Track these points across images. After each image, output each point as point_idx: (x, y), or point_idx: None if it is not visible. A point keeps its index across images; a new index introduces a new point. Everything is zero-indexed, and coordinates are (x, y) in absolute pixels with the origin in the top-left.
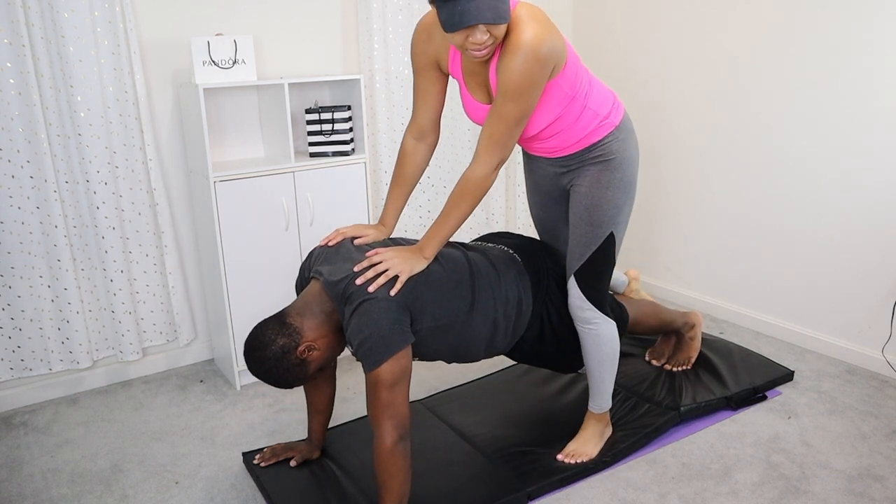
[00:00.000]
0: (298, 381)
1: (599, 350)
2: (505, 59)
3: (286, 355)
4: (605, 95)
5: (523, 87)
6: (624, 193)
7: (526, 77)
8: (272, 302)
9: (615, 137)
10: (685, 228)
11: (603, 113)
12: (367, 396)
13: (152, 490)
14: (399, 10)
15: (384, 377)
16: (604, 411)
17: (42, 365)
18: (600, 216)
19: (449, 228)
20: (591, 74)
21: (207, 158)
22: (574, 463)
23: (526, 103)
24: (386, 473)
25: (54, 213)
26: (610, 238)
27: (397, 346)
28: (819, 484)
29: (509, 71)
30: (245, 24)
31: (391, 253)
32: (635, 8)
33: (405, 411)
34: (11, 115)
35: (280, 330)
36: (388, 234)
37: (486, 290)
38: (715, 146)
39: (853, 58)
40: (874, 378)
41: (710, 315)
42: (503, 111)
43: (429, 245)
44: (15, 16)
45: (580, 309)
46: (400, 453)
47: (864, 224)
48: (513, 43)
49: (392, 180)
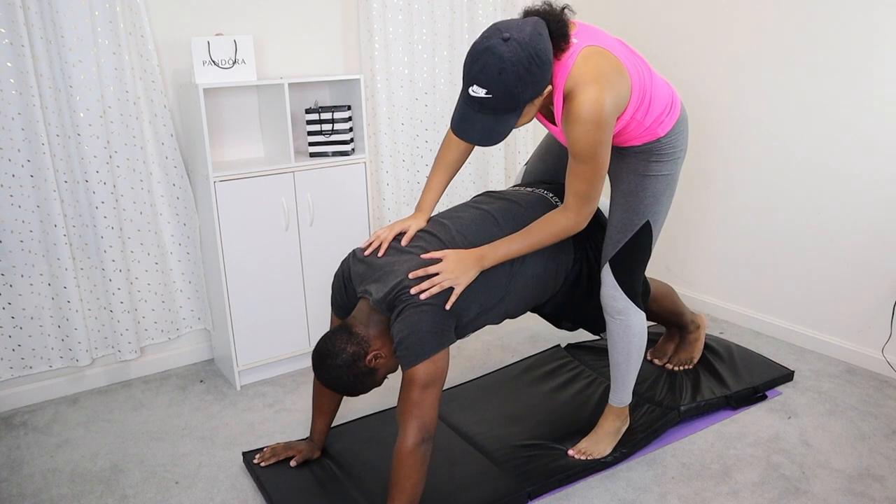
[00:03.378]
0: (367, 388)
1: (629, 342)
2: (568, 125)
3: (356, 363)
4: (662, 107)
5: (591, 150)
6: (664, 184)
7: (591, 143)
8: (272, 302)
9: (665, 138)
10: (685, 229)
11: (654, 127)
12: (399, 394)
13: (152, 490)
14: (399, 10)
15: (418, 377)
16: (624, 405)
17: (42, 363)
18: (637, 203)
19: (520, 249)
20: (654, 85)
21: (207, 158)
22: (584, 460)
23: (598, 160)
24: (402, 472)
25: (54, 213)
26: (646, 227)
27: (434, 348)
28: (819, 484)
29: (574, 139)
30: (245, 24)
31: (450, 264)
32: (635, 8)
33: (433, 414)
34: (11, 114)
35: (349, 339)
36: (425, 221)
37: None
38: (715, 147)
39: (853, 59)
40: (874, 378)
41: (710, 315)
42: (580, 172)
43: (491, 255)
44: (15, 16)
45: (613, 298)
46: (420, 455)
47: (863, 224)
48: (574, 110)
49: (434, 165)
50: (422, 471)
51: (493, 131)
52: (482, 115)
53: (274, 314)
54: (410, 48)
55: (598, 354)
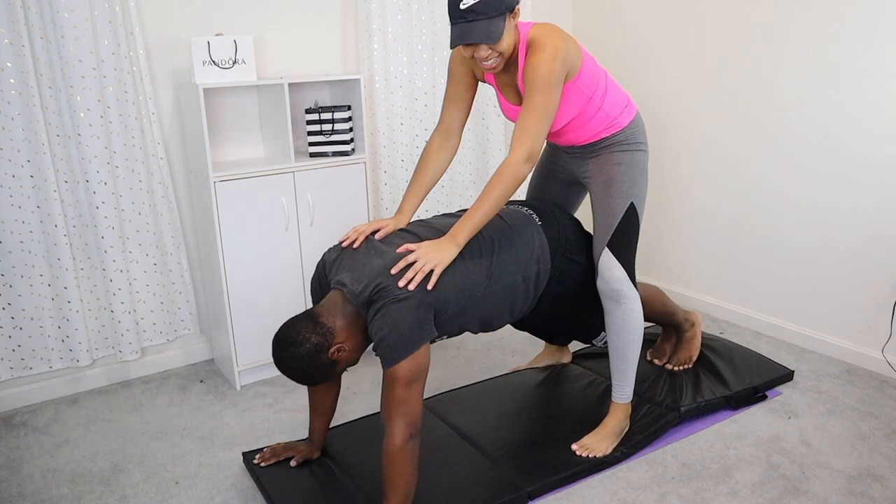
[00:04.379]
0: (323, 381)
1: (628, 329)
2: (529, 61)
3: (318, 354)
4: (619, 99)
5: (547, 81)
6: (634, 170)
7: (549, 73)
8: (272, 302)
9: (623, 132)
10: (685, 229)
11: (614, 114)
12: (382, 393)
13: (152, 490)
14: (398, 10)
15: (401, 374)
16: (628, 401)
17: (42, 363)
18: (617, 189)
19: (482, 214)
20: (609, 79)
21: (207, 158)
22: (586, 457)
23: (550, 96)
24: (393, 471)
25: (54, 213)
26: (631, 209)
27: (416, 343)
28: (819, 484)
29: (533, 68)
30: (245, 24)
31: (424, 248)
32: (634, 8)
33: (418, 410)
34: (11, 114)
35: (314, 329)
36: (405, 224)
37: (505, 254)
38: (715, 146)
39: (853, 60)
40: (874, 378)
41: (710, 315)
42: (531, 102)
43: (461, 231)
44: (15, 16)
45: (618, 281)
46: (409, 451)
47: (864, 224)
48: (534, 48)
49: (413, 177)
50: (413, 466)
51: (489, 31)
52: (476, 22)
53: (274, 314)
54: (410, 48)
55: (598, 356)
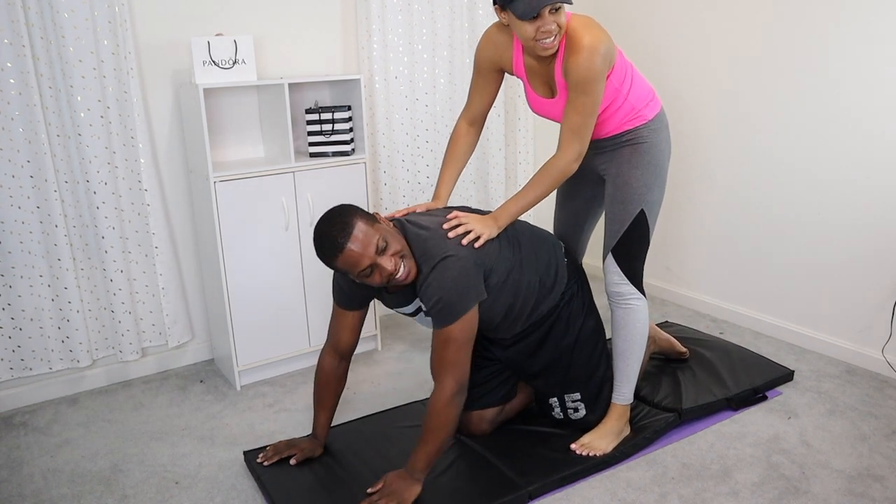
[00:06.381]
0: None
1: (633, 329)
2: (571, 59)
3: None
4: (644, 92)
5: (590, 79)
6: (652, 175)
7: (591, 71)
8: (272, 302)
9: (647, 127)
10: (685, 229)
11: (639, 107)
12: (432, 351)
13: (152, 490)
14: (399, 10)
15: (455, 335)
16: (627, 403)
17: (42, 364)
18: (630, 193)
19: (525, 204)
20: (635, 70)
21: (207, 158)
22: (586, 455)
23: (595, 94)
24: (438, 421)
25: (54, 213)
26: (641, 216)
27: (469, 304)
28: (819, 484)
29: (577, 67)
30: (245, 24)
31: (472, 218)
32: (636, 7)
33: (467, 368)
34: (11, 114)
35: (365, 215)
36: (442, 206)
37: (529, 249)
38: (715, 147)
39: (853, 60)
40: (874, 378)
41: (710, 315)
42: (577, 104)
43: (503, 215)
44: (15, 16)
45: (617, 284)
46: (455, 405)
47: (864, 224)
48: (575, 45)
49: (445, 160)
50: (456, 419)
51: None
52: None
53: (274, 314)
54: (410, 48)
55: None
